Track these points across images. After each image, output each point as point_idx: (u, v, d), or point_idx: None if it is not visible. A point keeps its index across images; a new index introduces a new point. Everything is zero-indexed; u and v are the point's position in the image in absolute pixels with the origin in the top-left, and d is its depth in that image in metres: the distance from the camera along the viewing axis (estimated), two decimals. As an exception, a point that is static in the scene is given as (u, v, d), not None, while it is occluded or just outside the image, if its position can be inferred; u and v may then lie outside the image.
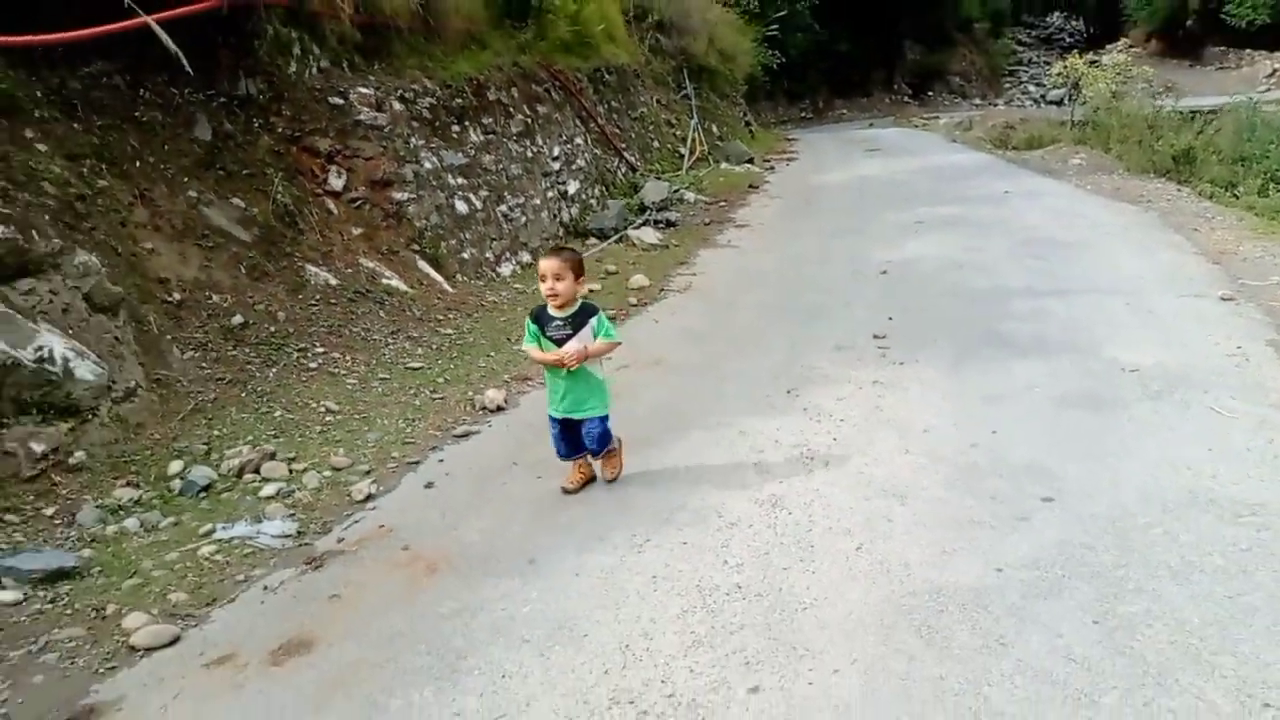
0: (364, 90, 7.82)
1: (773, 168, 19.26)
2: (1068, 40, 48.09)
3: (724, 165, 18.60)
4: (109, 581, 3.74)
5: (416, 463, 4.84)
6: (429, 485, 4.57)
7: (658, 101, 19.10)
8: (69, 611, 3.53)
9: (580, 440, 4.30)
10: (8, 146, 5.11)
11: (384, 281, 7.13)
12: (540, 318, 4.19)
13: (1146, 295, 7.03)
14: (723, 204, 13.56)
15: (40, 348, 4.59)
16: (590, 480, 4.43)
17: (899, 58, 40.02)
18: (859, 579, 3.42)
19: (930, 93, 39.85)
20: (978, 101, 37.60)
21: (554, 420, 4.31)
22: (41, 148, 5.35)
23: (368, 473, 4.70)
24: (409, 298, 7.14)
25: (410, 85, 8.46)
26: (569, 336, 4.12)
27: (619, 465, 4.48)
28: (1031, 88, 39.23)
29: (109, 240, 5.42)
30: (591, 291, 8.11)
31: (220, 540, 4.05)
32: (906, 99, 39.30)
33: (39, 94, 5.58)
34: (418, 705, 2.90)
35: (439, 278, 7.69)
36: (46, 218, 4.98)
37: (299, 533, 4.13)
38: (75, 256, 4.99)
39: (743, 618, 3.22)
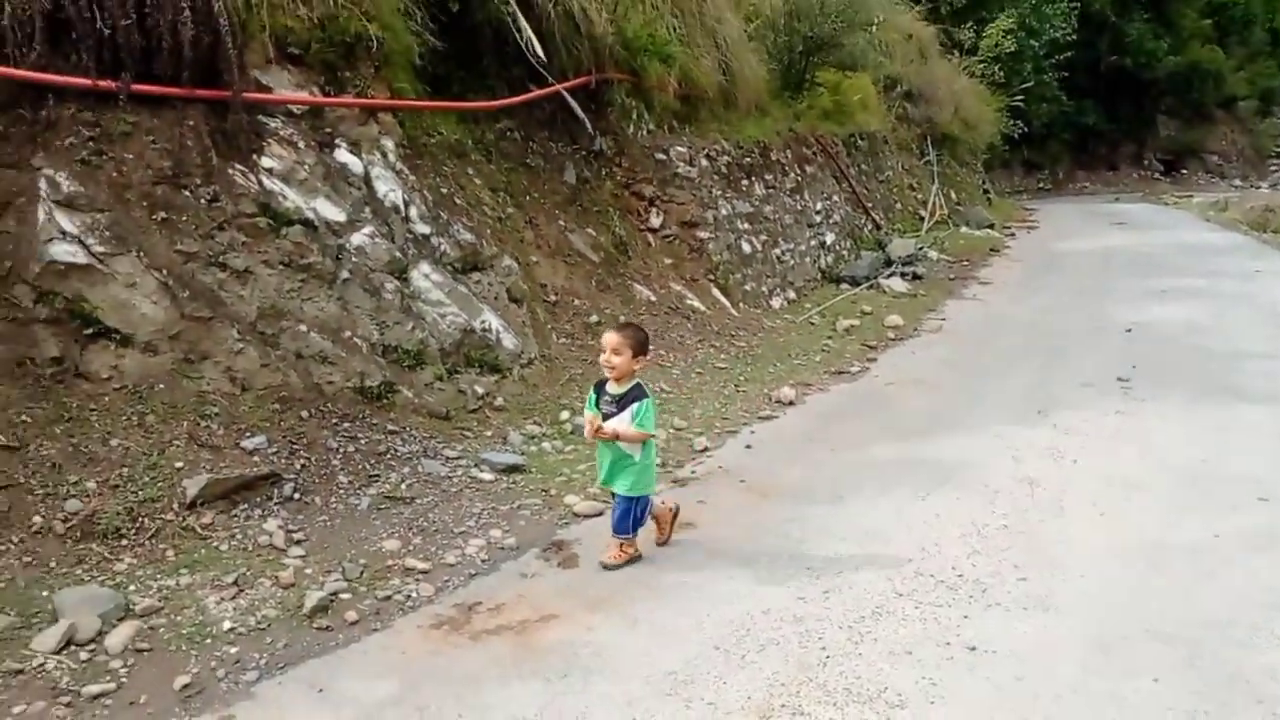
0: (680, 148, 9.63)
1: (1013, 234, 19.82)
2: (1348, 119, 44.53)
3: (964, 229, 19.40)
4: (544, 477, 5.44)
5: (734, 432, 6.34)
6: (748, 447, 6.04)
7: (902, 166, 20.23)
8: (527, 490, 5.24)
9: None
10: (462, 179, 7.16)
11: (688, 302, 8.79)
12: (599, 388, 4.34)
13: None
14: (965, 263, 14.51)
15: (484, 321, 6.49)
16: (635, 559, 4.31)
17: (1151, 133, 38.73)
18: (1100, 531, 4.53)
19: (1184, 170, 38.26)
20: (1237, 183, 35.72)
21: (610, 492, 4.44)
22: (477, 181, 7.39)
23: (700, 434, 6.24)
24: (707, 316, 8.76)
25: (713, 145, 10.22)
26: (613, 414, 4.21)
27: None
28: (1301, 170, 36.80)
29: (515, 252, 7.36)
30: (847, 329, 9.45)
31: (609, 463, 5.68)
32: (1157, 175, 37.94)
33: (471, 142, 7.66)
34: (766, 568, 4.29)
35: (727, 303, 9.29)
36: (488, 231, 6.95)
37: (662, 464, 5.69)
38: (502, 260, 6.92)
39: (1009, 542, 4.42)
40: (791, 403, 6.97)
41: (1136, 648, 3.46)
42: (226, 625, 3.76)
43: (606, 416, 4.22)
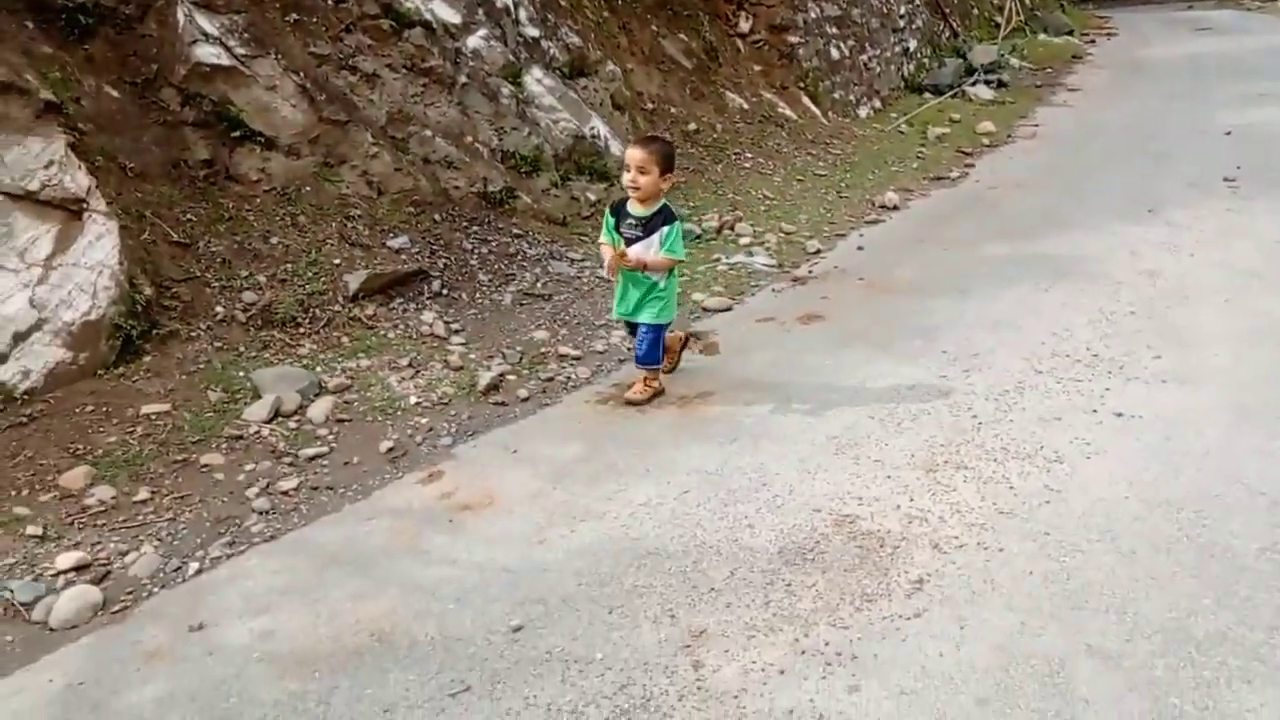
0: (768, -54, 9.22)
1: (1093, 41, 18.86)
2: None
3: (1042, 36, 18.47)
4: (667, 277, 5.63)
5: (843, 235, 6.44)
6: (860, 248, 6.15)
7: (981, -32, 19.09)
8: (654, 287, 5.45)
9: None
10: (560, -19, 7.01)
11: (780, 110, 8.69)
12: (618, 211, 3.94)
13: None
14: (1049, 70, 13.95)
15: (593, 128, 6.52)
16: (659, 394, 4.05)
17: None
18: (1227, 316, 4.65)
19: (1272, -31, 35.40)
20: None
21: (625, 323, 4.19)
22: (574, -16, 7.22)
23: (810, 237, 6.35)
24: (799, 124, 8.67)
25: (800, -58, 9.76)
26: (638, 239, 3.86)
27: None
28: None
29: (611, 58, 7.27)
30: (939, 138, 9.30)
31: (726, 264, 5.85)
32: (1237, -22, 35.25)
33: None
34: (903, 351, 4.49)
35: (817, 111, 9.15)
36: (592, 36, 6.86)
37: (779, 264, 5.85)
38: (606, 66, 6.86)
39: (1138, 326, 4.56)
40: (896, 207, 7.00)
41: (1278, 412, 3.65)
42: (412, 400, 4.10)
43: (630, 242, 3.85)
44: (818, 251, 6.09)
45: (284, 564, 3.04)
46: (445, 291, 5.07)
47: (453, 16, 5.76)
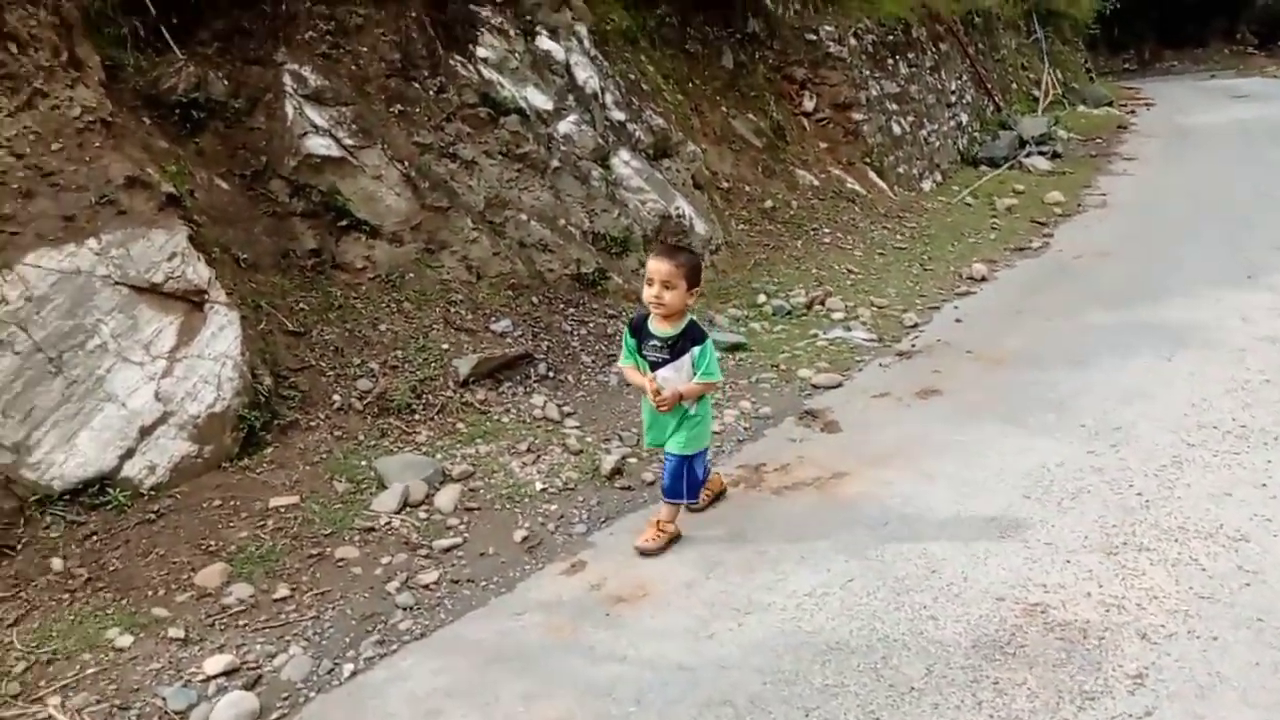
0: (828, 28, 9.37)
1: (1133, 111, 18.96)
2: None
3: (1080, 108, 18.61)
4: (767, 355, 5.53)
5: (936, 307, 6.32)
6: (958, 320, 6.04)
7: (1014, 44, 19.40)
8: (757, 365, 5.35)
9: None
10: (636, 65, 7.10)
11: (849, 185, 8.69)
12: (639, 330, 3.46)
13: None
14: (1098, 140, 13.99)
15: (677, 207, 6.52)
16: (675, 540, 3.47)
17: (1244, 4, 36.21)
18: (1371, 382, 4.46)
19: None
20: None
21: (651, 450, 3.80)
22: (649, 68, 7.32)
23: (904, 310, 6.25)
24: (869, 199, 8.66)
25: (857, 24, 9.91)
26: (665, 363, 3.38)
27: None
28: None
29: (690, 139, 7.33)
30: (1009, 209, 9.25)
31: (825, 339, 5.74)
32: (1251, 50, 35.51)
33: (634, 27, 7.56)
34: (1037, 425, 4.33)
35: (884, 185, 9.15)
36: (673, 118, 6.92)
37: (879, 339, 5.73)
38: (687, 146, 6.90)
39: (1278, 395, 4.38)
40: (984, 278, 6.90)
41: None
42: (538, 486, 3.97)
43: (655, 366, 3.39)
44: (915, 325, 5.97)
45: (442, 664, 2.88)
46: (551, 374, 4.99)
47: (545, 103, 5.82)
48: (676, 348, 3.37)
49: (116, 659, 2.95)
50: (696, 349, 3.35)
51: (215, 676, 2.86)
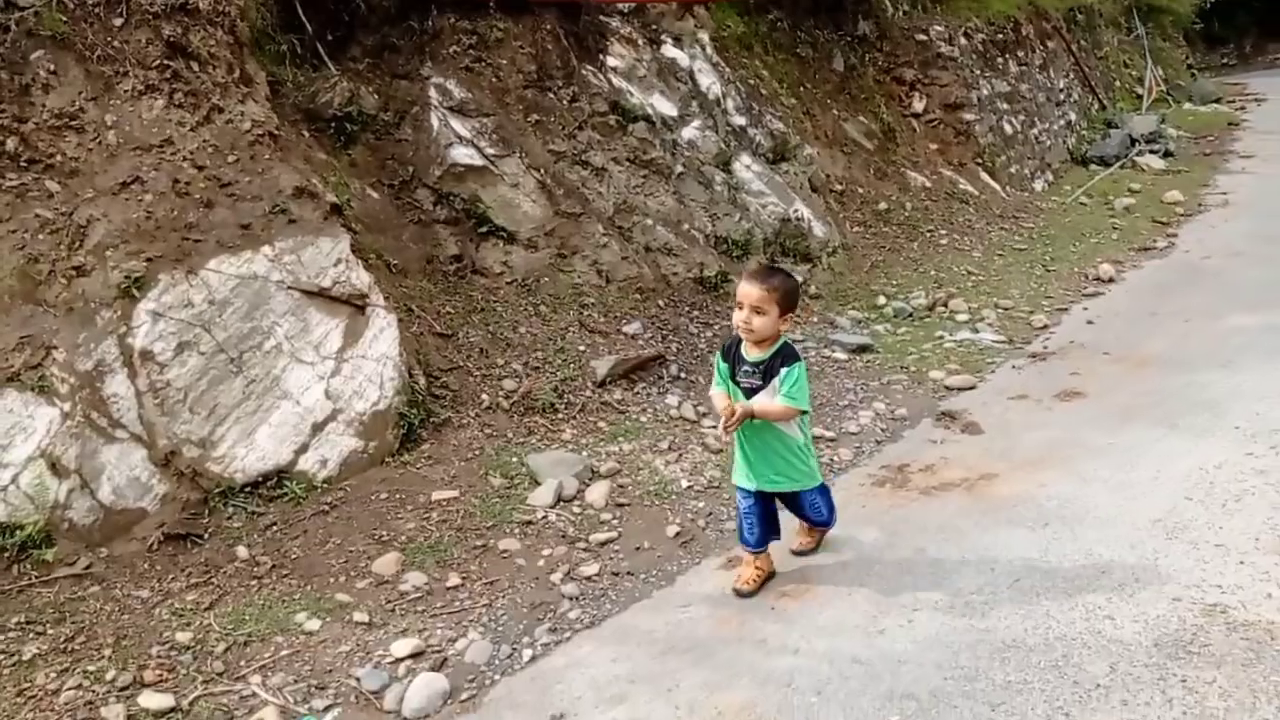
0: (938, 28, 9.28)
1: (1243, 107, 18.20)
2: None
3: (1187, 105, 17.96)
4: (894, 356, 5.52)
5: (1064, 309, 6.22)
6: (1089, 322, 5.92)
7: (1116, 41, 18.85)
8: (886, 367, 5.34)
9: (774, 525, 3.32)
10: (753, 70, 7.16)
11: (961, 186, 8.59)
12: (733, 354, 3.20)
13: None
14: (1210, 138, 13.47)
15: (796, 210, 6.55)
16: (770, 577, 3.29)
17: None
18: None
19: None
20: None
21: (744, 493, 3.27)
22: (764, 73, 7.38)
23: (1031, 312, 6.16)
24: (982, 200, 8.54)
25: (967, 23, 9.80)
26: (759, 389, 3.12)
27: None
28: None
29: (803, 143, 7.35)
30: (1127, 208, 8.99)
31: (952, 341, 5.70)
32: (1359, 40, 33.69)
33: (749, 33, 7.63)
34: (1191, 428, 4.23)
35: (996, 186, 9.02)
36: (790, 122, 6.96)
37: (1008, 340, 5.67)
38: (804, 150, 6.94)
39: None
40: (1111, 279, 6.75)
41: None
42: (684, 484, 4.06)
43: (749, 393, 3.13)
44: (1044, 326, 5.88)
45: (618, 652, 2.98)
46: (682, 375, 5.08)
47: (670, 110, 5.93)
48: (768, 370, 3.12)
49: (307, 641, 3.12)
50: (785, 369, 3.09)
51: (403, 659, 3.01)
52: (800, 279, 5.18)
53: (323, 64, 4.96)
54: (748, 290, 3.05)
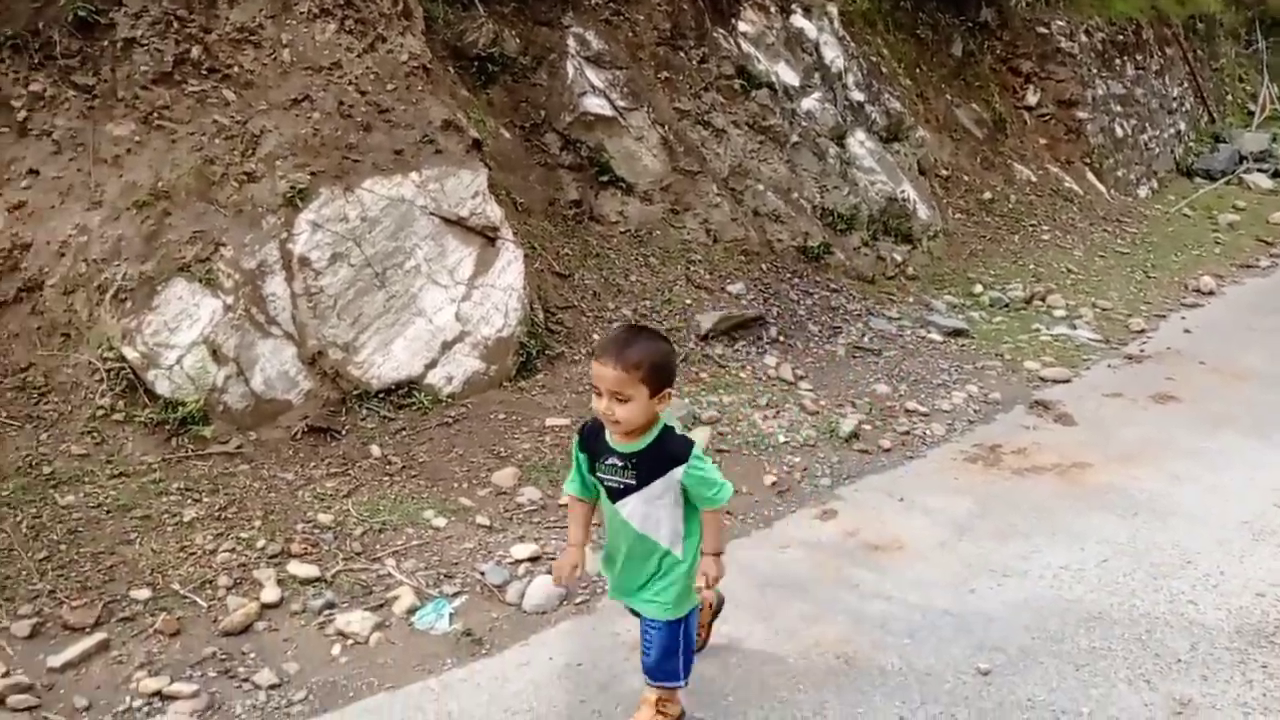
0: (1060, 22, 9.17)
1: (1365, 133, 17.52)
2: None
3: (1306, 125, 17.35)
4: (988, 343, 5.62)
5: (1162, 316, 6.24)
6: (1187, 331, 5.94)
7: (1234, 54, 18.24)
8: (980, 352, 5.45)
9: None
10: (875, 48, 7.22)
11: (1066, 184, 8.55)
12: (591, 441, 2.37)
13: None
14: (1328, 162, 13.06)
15: (903, 191, 6.64)
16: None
17: None
18: None
19: None
20: None
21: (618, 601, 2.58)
22: (885, 52, 7.42)
23: (1129, 315, 6.19)
24: (1087, 200, 8.50)
25: (1088, 20, 9.65)
26: (630, 489, 2.30)
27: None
28: None
29: (916, 125, 7.40)
30: (1231, 225, 8.84)
31: (1048, 334, 5.78)
32: None
33: (874, 9, 7.65)
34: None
35: (1102, 188, 8.94)
36: (905, 103, 7.02)
37: (1105, 340, 5.73)
38: (916, 132, 6.99)
39: None
40: (1212, 292, 6.73)
41: None
42: (781, 439, 4.25)
43: (616, 493, 2.32)
44: (1142, 330, 5.92)
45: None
46: (781, 338, 5.25)
47: (793, 79, 6.04)
48: (645, 467, 2.28)
49: (435, 535, 3.41)
50: (680, 469, 2.26)
51: (523, 560, 3.27)
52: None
53: (472, 4, 5.17)
54: (601, 373, 2.21)
